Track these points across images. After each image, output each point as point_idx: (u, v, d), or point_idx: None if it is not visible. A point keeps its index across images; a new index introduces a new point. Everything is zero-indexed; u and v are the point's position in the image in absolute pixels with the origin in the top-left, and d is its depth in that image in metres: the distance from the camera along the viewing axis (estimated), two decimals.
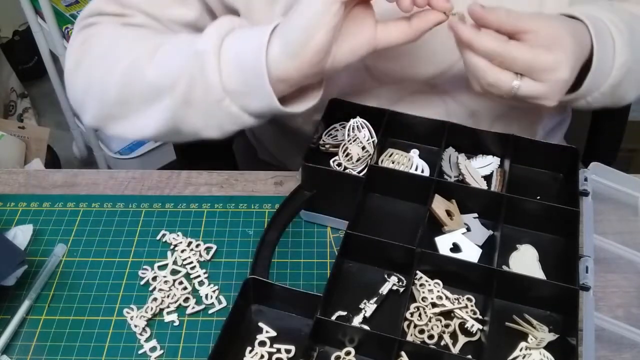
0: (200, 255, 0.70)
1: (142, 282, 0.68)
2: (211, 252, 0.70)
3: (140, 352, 0.62)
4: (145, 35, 0.75)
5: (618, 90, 0.73)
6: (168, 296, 0.66)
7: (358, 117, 0.74)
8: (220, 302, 0.66)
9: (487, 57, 0.63)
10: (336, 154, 0.72)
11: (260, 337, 0.59)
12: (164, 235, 0.72)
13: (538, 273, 0.64)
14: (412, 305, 0.61)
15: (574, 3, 0.75)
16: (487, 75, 0.64)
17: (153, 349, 0.62)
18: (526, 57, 0.63)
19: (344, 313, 0.61)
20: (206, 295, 0.67)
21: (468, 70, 0.66)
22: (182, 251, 0.70)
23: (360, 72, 0.76)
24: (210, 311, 0.65)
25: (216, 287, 0.67)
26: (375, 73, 0.76)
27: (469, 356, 0.57)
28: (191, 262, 0.69)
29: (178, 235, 0.72)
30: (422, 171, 0.72)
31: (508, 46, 0.63)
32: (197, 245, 0.71)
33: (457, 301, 0.61)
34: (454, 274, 0.62)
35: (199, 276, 0.68)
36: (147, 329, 0.64)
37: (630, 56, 0.71)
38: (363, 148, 0.72)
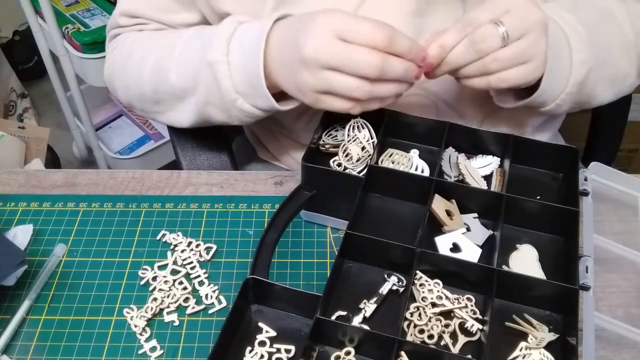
0: (200, 255, 0.70)
1: (142, 282, 0.68)
2: (211, 252, 0.70)
3: (140, 352, 0.62)
4: (159, 35, 0.83)
5: (584, 89, 0.74)
6: (168, 296, 0.66)
7: (358, 117, 0.74)
8: (220, 302, 0.66)
9: (460, 38, 0.65)
10: (336, 154, 0.72)
11: (260, 337, 0.59)
12: (164, 235, 0.72)
13: (538, 273, 0.64)
14: (412, 305, 0.61)
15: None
16: (473, 38, 0.65)
17: (153, 349, 0.62)
18: (482, 7, 0.66)
19: (344, 313, 0.61)
20: (206, 295, 0.67)
21: (466, 73, 0.67)
22: (182, 251, 0.70)
23: None
24: (210, 311, 0.66)
25: (216, 287, 0.67)
26: None
27: (469, 356, 0.57)
28: (191, 262, 0.69)
29: (178, 235, 0.72)
30: (422, 171, 0.72)
31: (464, 17, 0.66)
32: (197, 245, 0.71)
33: (457, 301, 0.61)
34: (454, 274, 0.62)
35: (199, 276, 0.68)
36: (147, 329, 0.64)
37: (591, 54, 0.72)
38: (363, 148, 0.72)
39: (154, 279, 0.68)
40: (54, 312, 0.66)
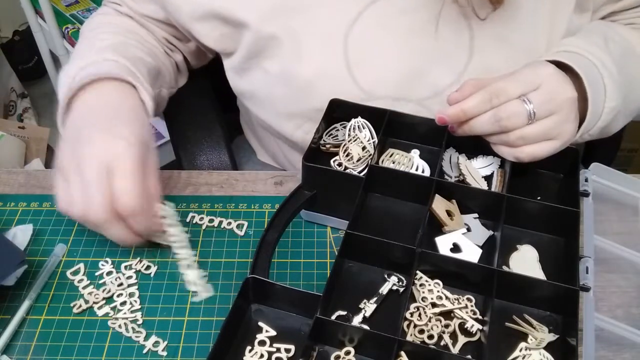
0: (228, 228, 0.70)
1: (97, 273, 0.69)
2: (243, 229, 0.73)
3: (144, 351, 0.62)
4: (98, 38, 0.82)
5: (606, 129, 0.75)
6: (104, 290, 0.67)
7: (359, 117, 0.74)
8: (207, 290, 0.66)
9: (484, 109, 0.65)
10: (337, 153, 0.72)
11: (260, 337, 0.59)
12: (193, 217, 0.74)
13: (538, 273, 0.64)
14: (412, 305, 0.61)
15: (567, 35, 0.76)
16: (498, 114, 0.64)
17: (156, 344, 0.62)
18: (512, 79, 0.65)
19: (344, 313, 0.61)
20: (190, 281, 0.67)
21: (490, 140, 0.67)
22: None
23: (349, 84, 0.76)
24: (193, 299, 0.66)
25: (205, 274, 0.67)
26: (365, 87, 0.76)
27: (469, 356, 0.57)
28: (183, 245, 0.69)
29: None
30: (423, 171, 0.72)
31: (492, 85, 0.65)
32: (229, 223, 0.73)
33: (457, 301, 0.61)
34: (454, 274, 0.62)
35: (187, 258, 0.68)
36: (142, 329, 0.64)
37: (620, 99, 0.72)
38: (363, 148, 0.72)
39: (108, 273, 0.69)
40: (54, 312, 0.66)
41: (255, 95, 0.83)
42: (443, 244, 0.65)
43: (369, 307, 0.61)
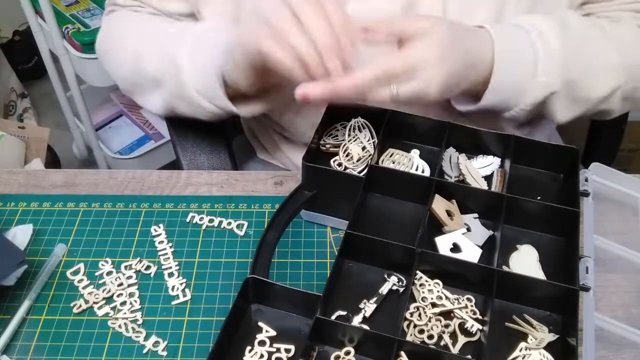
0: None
1: (97, 273, 0.69)
2: (243, 229, 0.73)
3: (144, 351, 0.62)
4: (152, 23, 0.87)
5: (545, 108, 0.74)
6: (104, 290, 0.67)
7: (359, 117, 0.74)
8: (185, 295, 0.67)
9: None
10: (337, 153, 0.72)
11: (260, 337, 0.59)
12: (192, 217, 0.75)
13: (538, 273, 0.64)
14: (412, 305, 0.61)
15: (531, 11, 0.76)
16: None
17: (156, 344, 0.62)
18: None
19: (344, 313, 0.61)
20: (173, 287, 0.67)
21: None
22: (160, 242, 0.72)
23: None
24: (172, 302, 0.66)
25: (184, 280, 0.68)
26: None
27: (469, 356, 0.57)
28: (166, 254, 0.70)
29: (159, 227, 0.73)
30: (423, 171, 0.72)
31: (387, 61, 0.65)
32: (229, 224, 0.74)
33: (457, 301, 0.61)
34: (454, 274, 0.62)
35: (170, 267, 0.69)
36: (142, 329, 0.64)
37: (559, 77, 0.71)
38: (363, 148, 0.72)
39: (108, 273, 0.69)
40: (54, 312, 0.66)
41: None
42: (443, 244, 0.65)
43: (369, 307, 0.61)
